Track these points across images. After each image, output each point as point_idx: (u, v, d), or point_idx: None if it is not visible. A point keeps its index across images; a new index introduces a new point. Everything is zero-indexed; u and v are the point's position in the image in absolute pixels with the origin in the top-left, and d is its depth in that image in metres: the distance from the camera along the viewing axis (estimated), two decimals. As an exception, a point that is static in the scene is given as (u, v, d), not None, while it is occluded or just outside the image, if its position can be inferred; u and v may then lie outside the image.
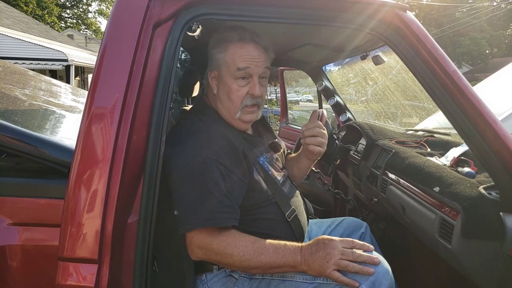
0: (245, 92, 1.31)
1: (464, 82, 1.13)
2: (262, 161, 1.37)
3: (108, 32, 1.07)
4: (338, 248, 1.14)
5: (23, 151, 1.31)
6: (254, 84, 1.31)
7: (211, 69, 1.38)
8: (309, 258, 1.15)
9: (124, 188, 1.05)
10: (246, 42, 1.31)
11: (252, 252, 1.14)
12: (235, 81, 1.31)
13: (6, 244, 1.22)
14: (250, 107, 1.33)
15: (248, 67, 1.29)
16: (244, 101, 1.32)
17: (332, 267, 1.13)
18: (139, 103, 1.07)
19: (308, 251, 1.16)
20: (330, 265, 1.12)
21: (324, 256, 1.13)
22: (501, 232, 1.11)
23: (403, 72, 4.27)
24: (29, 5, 25.10)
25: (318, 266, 1.14)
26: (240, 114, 1.33)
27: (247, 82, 1.31)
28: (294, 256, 1.16)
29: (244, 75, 1.30)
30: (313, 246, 1.16)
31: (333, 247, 1.14)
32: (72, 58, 11.70)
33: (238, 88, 1.31)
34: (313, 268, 1.14)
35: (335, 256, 1.13)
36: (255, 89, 1.31)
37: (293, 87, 18.80)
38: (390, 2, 1.16)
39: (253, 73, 1.31)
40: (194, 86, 2.15)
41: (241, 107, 1.32)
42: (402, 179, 1.66)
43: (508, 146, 1.09)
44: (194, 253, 1.18)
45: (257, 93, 1.32)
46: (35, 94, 2.28)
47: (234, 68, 1.29)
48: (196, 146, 1.21)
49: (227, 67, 1.31)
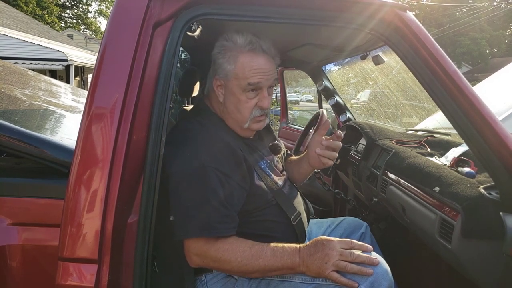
0: (254, 103, 1.29)
1: (464, 82, 1.13)
2: (263, 166, 1.36)
3: (108, 32, 1.07)
4: (337, 249, 1.13)
5: (23, 151, 1.31)
6: (263, 97, 1.30)
7: (217, 77, 1.33)
8: (308, 259, 1.14)
9: (124, 188, 1.05)
10: (257, 54, 1.27)
11: (249, 257, 1.14)
12: (244, 94, 1.28)
13: (6, 244, 1.22)
14: (259, 117, 1.32)
15: (260, 82, 1.27)
16: (253, 112, 1.30)
17: (330, 268, 1.12)
18: (139, 103, 1.07)
19: (307, 252, 1.15)
20: (328, 266, 1.12)
21: (322, 257, 1.13)
22: (501, 232, 1.11)
23: (403, 72, 4.27)
24: (29, 5, 25.09)
25: (317, 267, 1.13)
26: (249, 124, 1.32)
27: (256, 94, 1.29)
28: (292, 258, 1.15)
29: (254, 88, 1.28)
30: (312, 247, 1.16)
31: (331, 248, 1.14)
32: (72, 58, 11.69)
33: (247, 100, 1.29)
34: (311, 269, 1.14)
35: (334, 257, 1.12)
36: (264, 102, 1.30)
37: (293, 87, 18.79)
38: (390, 2, 1.16)
39: (263, 86, 1.29)
40: (194, 86, 2.15)
41: (250, 118, 1.31)
42: (402, 179, 1.66)
43: (508, 146, 1.09)
44: (192, 260, 1.18)
45: (266, 106, 1.31)
46: (35, 94, 2.28)
47: (245, 82, 1.26)
48: (195, 151, 1.20)
49: (237, 79, 1.27)
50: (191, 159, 1.18)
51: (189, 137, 1.25)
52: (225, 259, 1.14)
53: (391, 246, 1.93)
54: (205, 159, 1.18)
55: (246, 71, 1.26)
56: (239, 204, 1.22)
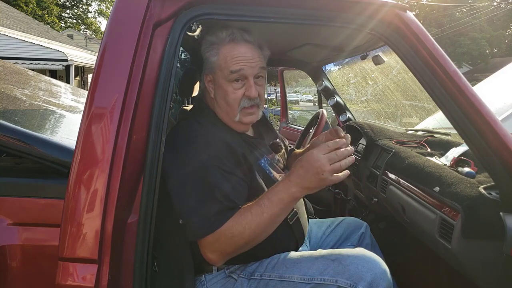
0: (241, 94, 1.29)
1: (464, 82, 1.13)
2: (263, 164, 1.35)
3: (108, 32, 1.07)
4: (323, 158, 1.10)
5: (23, 151, 1.31)
6: (249, 86, 1.29)
7: (206, 73, 1.36)
8: (303, 182, 1.12)
9: (124, 188, 1.05)
10: (238, 43, 1.28)
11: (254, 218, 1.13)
12: (230, 84, 1.29)
13: (6, 244, 1.22)
14: (249, 108, 1.31)
15: (242, 68, 1.27)
16: (241, 103, 1.30)
17: (329, 175, 1.10)
18: (139, 103, 1.07)
19: (298, 177, 1.12)
20: (326, 175, 1.10)
21: (316, 171, 1.10)
22: (501, 232, 1.11)
23: (403, 72, 4.27)
24: (29, 5, 25.10)
25: (317, 182, 1.11)
26: (239, 117, 1.31)
27: (242, 84, 1.29)
28: (288, 192, 1.13)
29: (239, 77, 1.28)
30: (299, 170, 1.13)
31: (317, 159, 1.10)
32: (72, 58, 11.69)
33: (234, 91, 1.29)
34: (312, 187, 1.12)
35: (325, 165, 1.09)
36: (251, 91, 1.29)
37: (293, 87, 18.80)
38: (390, 2, 1.16)
39: (248, 75, 1.28)
40: (194, 86, 2.14)
41: (239, 110, 1.30)
42: (402, 179, 1.66)
43: (508, 146, 1.09)
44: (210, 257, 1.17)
45: (253, 95, 1.29)
46: (35, 94, 2.28)
47: (228, 71, 1.27)
48: (195, 152, 1.20)
49: (221, 71, 1.29)
50: (192, 161, 1.19)
51: (189, 138, 1.25)
52: (236, 234, 1.13)
53: (391, 246, 1.93)
54: (206, 159, 1.18)
55: (228, 60, 1.27)
56: (244, 198, 1.21)
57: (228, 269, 1.27)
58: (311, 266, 1.21)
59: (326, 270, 1.18)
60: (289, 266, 1.22)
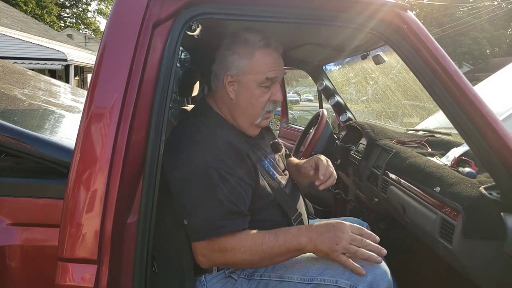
0: (267, 98, 1.32)
1: (464, 82, 1.12)
2: (267, 166, 1.36)
3: (108, 32, 1.07)
4: (348, 233, 1.12)
5: (22, 151, 1.31)
6: (276, 90, 1.33)
7: (229, 73, 1.30)
8: (317, 239, 1.13)
9: (124, 188, 1.05)
10: (272, 50, 1.31)
11: (252, 244, 1.14)
12: (259, 88, 1.30)
13: (5, 244, 1.22)
14: (270, 112, 1.35)
15: (277, 76, 1.30)
16: (266, 107, 1.32)
17: (340, 251, 1.11)
18: (138, 103, 1.07)
19: (316, 232, 1.14)
20: (338, 248, 1.11)
21: (333, 238, 1.12)
22: (502, 232, 1.10)
23: (403, 72, 4.26)
24: (28, 4, 25.10)
25: (326, 247, 1.12)
26: (260, 120, 1.34)
27: (269, 89, 1.31)
28: (297, 239, 1.14)
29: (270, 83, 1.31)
30: (322, 227, 1.15)
31: (342, 231, 1.12)
32: (72, 58, 11.68)
33: (262, 95, 1.30)
34: (320, 248, 1.13)
35: (345, 240, 1.11)
36: (277, 95, 1.32)
37: (293, 87, 18.79)
38: (390, 1, 1.15)
39: (277, 80, 1.32)
40: (193, 86, 2.14)
41: (262, 113, 1.32)
42: (402, 179, 1.65)
43: (509, 146, 1.09)
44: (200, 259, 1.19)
45: (279, 99, 1.33)
46: (35, 94, 2.27)
47: (263, 77, 1.28)
48: (198, 152, 1.20)
49: (253, 74, 1.28)
50: (195, 162, 1.18)
51: (194, 140, 1.24)
52: (229, 249, 1.14)
53: (392, 246, 1.93)
54: (212, 161, 1.17)
55: (263, 66, 1.28)
56: (248, 200, 1.22)
57: (228, 269, 1.27)
58: (311, 266, 1.20)
59: (326, 271, 1.18)
60: (289, 267, 1.22)
